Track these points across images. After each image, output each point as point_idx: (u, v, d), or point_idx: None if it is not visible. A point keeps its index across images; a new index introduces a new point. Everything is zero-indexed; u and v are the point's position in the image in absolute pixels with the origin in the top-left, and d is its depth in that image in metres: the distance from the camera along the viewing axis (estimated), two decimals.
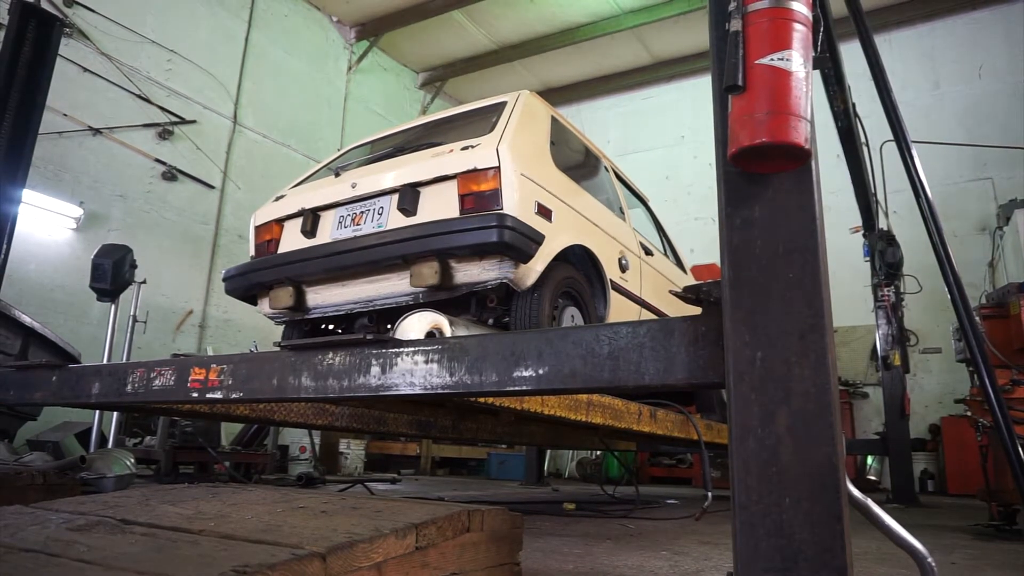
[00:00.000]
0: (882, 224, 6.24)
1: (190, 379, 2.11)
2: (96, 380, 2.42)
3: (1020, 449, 2.31)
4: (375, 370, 1.76)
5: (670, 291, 1.96)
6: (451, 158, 2.82)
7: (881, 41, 8.09)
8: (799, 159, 1.25)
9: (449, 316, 2.60)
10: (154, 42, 7.59)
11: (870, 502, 1.29)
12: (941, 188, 8.24)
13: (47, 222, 6.45)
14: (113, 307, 4.72)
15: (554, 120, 3.36)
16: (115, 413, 4.70)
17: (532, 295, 2.81)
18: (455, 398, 2.75)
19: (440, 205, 2.79)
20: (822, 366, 1.16)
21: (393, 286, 2.87)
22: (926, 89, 9.19)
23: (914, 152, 2.76)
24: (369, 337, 1.80)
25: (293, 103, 9.34)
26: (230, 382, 2.02)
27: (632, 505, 4.69)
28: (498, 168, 2.68)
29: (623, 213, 3.86)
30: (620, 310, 3.47)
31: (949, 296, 2.64)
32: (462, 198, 2.74)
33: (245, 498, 1.80)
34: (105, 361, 4.63)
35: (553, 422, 3.22)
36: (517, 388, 1.56)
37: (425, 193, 2.86)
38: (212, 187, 8.05)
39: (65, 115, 6.59)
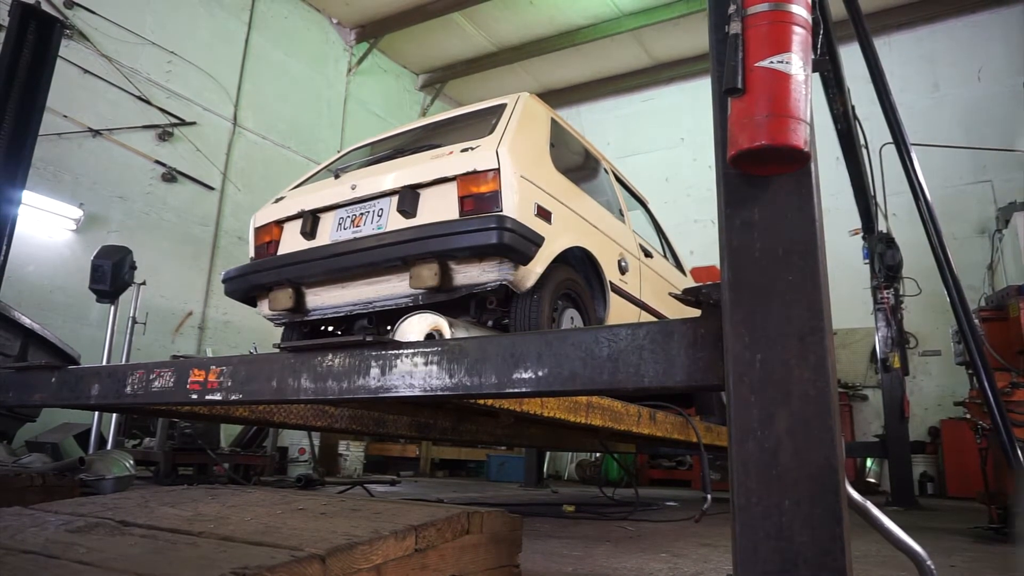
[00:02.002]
0: (881, 227, 6.25)
1: (189, 381, 2.11)
2: (95, 381, 2.42)
3: (1020, 452, 2.31)
4: (374, 372, 1.76)
5: (670, 293, 1.97)
6: (451, 160, 2.82)
7: (880, 44, 8.10)
8: (798, 161, 1.26)
9: (449, 318, 2.60)
10: (154, 43, 7.59)
11: (869, 504, 1.29)
12: (940, 191, 8.24)
13: (47, 223, 6.45)
14: (113, 308, 4.72)
15: (554, 122, 3.36)
16: (114, 415, 4.70)
17: (532, 297, 2.81)
18: (455, 400, 2.75)
19: (440, 207, 2.79)
20: (822, 368, 1.17)
21: (393, 288, 2.87)
22: (925, 92, 9.20)
23: (913, 155, 2.77)
24: (368, 339, 1.80)
25: (293, 105, 9.34)
26: (229, 384, 2.02)
27: (631, 507, 4.69)
28: (498, 170, 2.69)
29: (622, 215, 3.86)
30: (619, 312, 3.47)
31: (948, 299, 2.65)
32: (462, 200, 2.74)
33: (244, 500, 1.80)
34: (104, 362, 4.63)
35: (553, 424, 3.22)
36: (516, 390, 1.56)
37: (425, 195, 2.86)
38: (212, 189, 8.05)
39: (65, 116, 6.59)
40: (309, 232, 3.14)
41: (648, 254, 4.03)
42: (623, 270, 3.56)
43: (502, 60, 10.88)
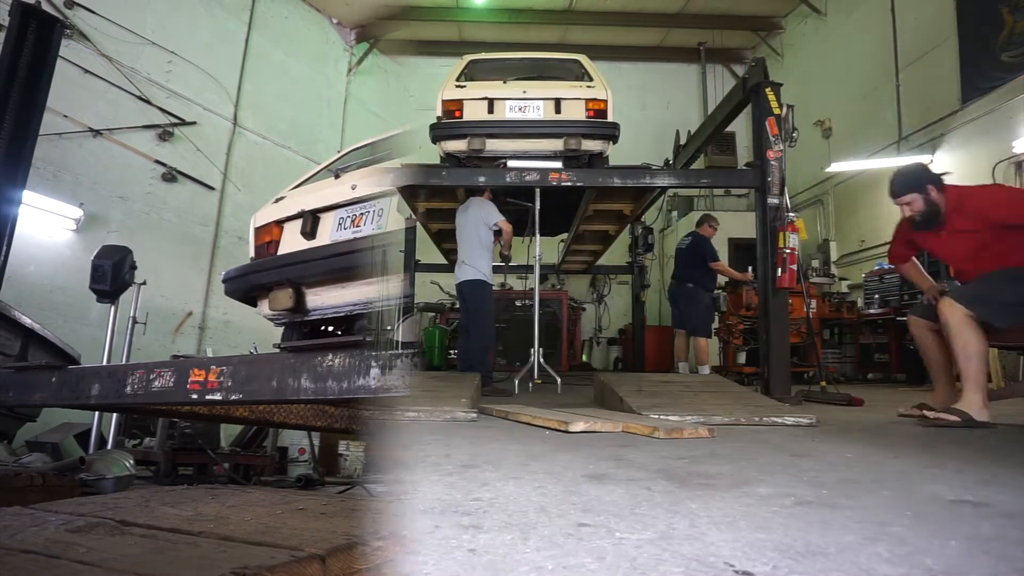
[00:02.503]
0: None
1: (189, 380, 2.11)
2: (96, 381, 2.41)
3: None
4: (374, 372, 1.75)
5: None
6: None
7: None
8: None
9: None
10: (154, 43, 7.59)
11: None
12: None
13: (47, 223, 6.44)
14: (113, 308, 4.71)
15: None
16: (114, 415, 4.69)
17: None
18: None
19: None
20: None
21: (393, 287, 2.87)
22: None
23: None
24: (368, 339, 1.80)
25: (293, 105, 9.33)
26: (229, 383, 2.02)
27: None
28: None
29: None
30: None
31: None
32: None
33: (244, 500, 1.80)
34: (105, 362, 4.62)
35: None
36: None
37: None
38: (212, 188, 8.05)
39: (65, 116, 6.59)
40: (309, 232, 3.14)
41: None
42: None
43: None
